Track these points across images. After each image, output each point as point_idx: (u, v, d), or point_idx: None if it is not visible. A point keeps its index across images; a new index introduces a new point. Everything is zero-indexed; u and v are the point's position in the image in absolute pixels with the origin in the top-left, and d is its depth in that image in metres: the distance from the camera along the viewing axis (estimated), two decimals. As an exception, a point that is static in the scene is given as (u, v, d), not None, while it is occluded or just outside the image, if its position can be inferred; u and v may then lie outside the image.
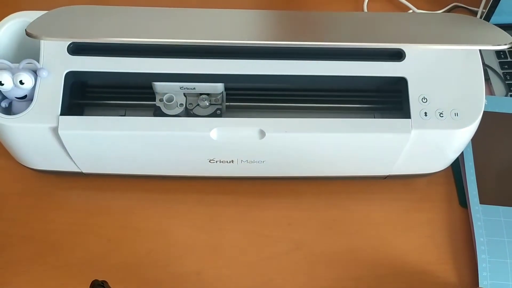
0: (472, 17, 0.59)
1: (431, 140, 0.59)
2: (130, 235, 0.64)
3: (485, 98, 0.70)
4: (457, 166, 0.70)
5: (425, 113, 0.57)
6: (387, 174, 0.65)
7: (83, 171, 0.64)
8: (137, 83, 0.66)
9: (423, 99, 0.58)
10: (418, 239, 0.66)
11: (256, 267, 0.62)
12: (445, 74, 0.59)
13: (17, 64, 0.57)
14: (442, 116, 0.57)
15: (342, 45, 0.58)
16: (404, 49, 0.60)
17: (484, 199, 0.66)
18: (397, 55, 0.60)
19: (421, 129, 0.57)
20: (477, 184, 0.67)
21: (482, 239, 0.64)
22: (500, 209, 0.66)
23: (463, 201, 0.68)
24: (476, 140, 0.69)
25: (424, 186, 0.70)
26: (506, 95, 0.76)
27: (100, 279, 0.50)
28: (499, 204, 0.66)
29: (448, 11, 0.84)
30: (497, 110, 0.73)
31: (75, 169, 0.64)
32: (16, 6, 0.62)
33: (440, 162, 0.65)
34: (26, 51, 0.60)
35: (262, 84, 0.68)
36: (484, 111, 0.68)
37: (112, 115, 0.67)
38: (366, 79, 0.59)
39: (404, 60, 0.59)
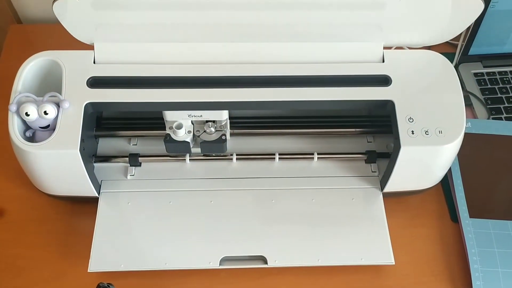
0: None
1: (419, 156, 0.64)
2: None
3: (469, 121, 0.77)
4: (446, 184, 0.75)
5: (412, 131, 0.63)
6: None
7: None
8: (148, 114, 0.72)
9: (409, 119, 0.64)
10: (413, 253, 0.70)
11: None
12: (429, 96, 0.65)
13: (41, 98, 0.63)
14: (428, 134, 0.63)
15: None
16: (390, 76, 0.66)
17: (473, 213, 0.71)
18: (384, 81, 0.66)
19: (409, 146, 0.62)
20: (466, 200, 0.72)
21: (473, 251, 0.68)
22: (489, 222, 0.70)
23: (454, 217, 0.72)
24: (462, 159, 0.74)
25: (417, 204, 0.74)
26: (488, 119, 0.81)
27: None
28: (487, 217, 0.71)
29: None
30: (480, 132, 0.78)
31: (91, 194, 0.68)
32: (40, 46, 0.68)
33: (430, 178, 0.70)
34: (48, 86, 0.66)
35: (262, 112, 0.74)
36: (468, 133, 0.75)
37: (125, 144, 0.73)
38: (357, 103, 0.65)
39: (390, 85, 0.66)
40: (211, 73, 0.66)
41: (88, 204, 0.70)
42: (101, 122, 0.73)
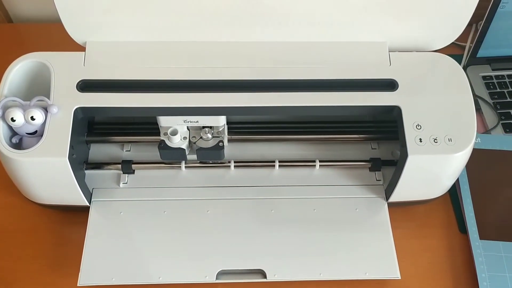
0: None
1: (427, 165, 0.61)
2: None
3: (479, 137, 0.74)
4: (454, 193, 0.71)
5: (420, 139, 0.60)
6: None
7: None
8: (142, 119, 0.69)
9: (417, 126, 0.60)
10: (419, 266, 0.67)
11: None
12: (437, 102, 0.62)
13: (28, 102, 0.60)
14: (437, 142, 0.60)
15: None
16: (396, 80, 0.63)
17: (483, 235, 0.67)
18: (391, 85, 0.63)
19: (416, 155, 0.59)
20: (476, 220, 0.68)
21: (484, 275, 0.64)
22: (500, 244, 0.66)
23: (462, 227, 0.69)
24: (472, 176, 0.71)
25: (424, 213, 0.71)
26: (497, 124, 0.78)
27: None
28: (499, 239, 0.67)
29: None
30: (490, 148, 0.74)
31: (82, 203, 0.65)
32: (24, 51, 0.65)
33: (437, 188, 0.66)
34: (36, 89, 0.63)
35: (261, 117, 0.71)
36: (478, 149, 0.71)
37: (118, 150, 0.70)
38: (362, 109, 0.62)
39: (397, 90, 0.62)
40: (207, 77, 0.62)
41: (79, 213, 0.67)
42: (93, 127, 0.70)
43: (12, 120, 0.59)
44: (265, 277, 0.61)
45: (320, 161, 0.69)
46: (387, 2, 0.62)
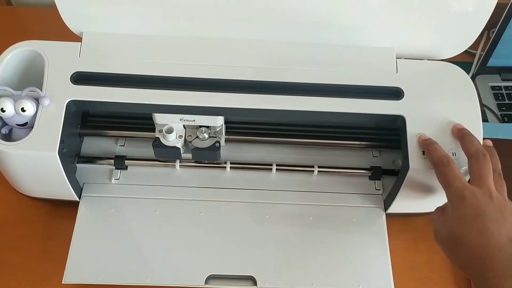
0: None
1: (429, 179, 0.58)
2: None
3: None
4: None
5: (423, 152, 0.57)
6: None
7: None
8: (138, 114, 0.67)
9: (421, 138, 0.58)
10: (417, 279, 0.65)
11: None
12: (443, 114, 0.59)
13: (20, 92, 0.58)
14: (440, 155, 0.57)
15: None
16: (402, 88, 0.61)
17: None
18: (396, 94, 0.60)
19: (418, 168, 0.57)
20: None
21: None
22: None
23: (462, 242, 0.67)
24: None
25: (423, 225, 0.69)
26: (504, 137, 0.76)
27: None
28: None
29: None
30: (488, 136, 0.70)
31: (71, 198, 0.63)
32: (22, 36, 0.63)
33: (438, 202, 0.63)
34: (29, 79, 0.61)
35: (261, 118, 0.69)
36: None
37: (111, 145, 0.68)
38: (365, 116, 0.60)
39: (402, 99, 0.60)
40: (207, 75, 0.60)
41: (69, 207, 0.65)
42: (87, 119, 0.68)
43: (2, 110, 0.57)
44: (255, 284, 0.60)
45: (318, 167, 0.67)
46: (398, 7, 0.59)
